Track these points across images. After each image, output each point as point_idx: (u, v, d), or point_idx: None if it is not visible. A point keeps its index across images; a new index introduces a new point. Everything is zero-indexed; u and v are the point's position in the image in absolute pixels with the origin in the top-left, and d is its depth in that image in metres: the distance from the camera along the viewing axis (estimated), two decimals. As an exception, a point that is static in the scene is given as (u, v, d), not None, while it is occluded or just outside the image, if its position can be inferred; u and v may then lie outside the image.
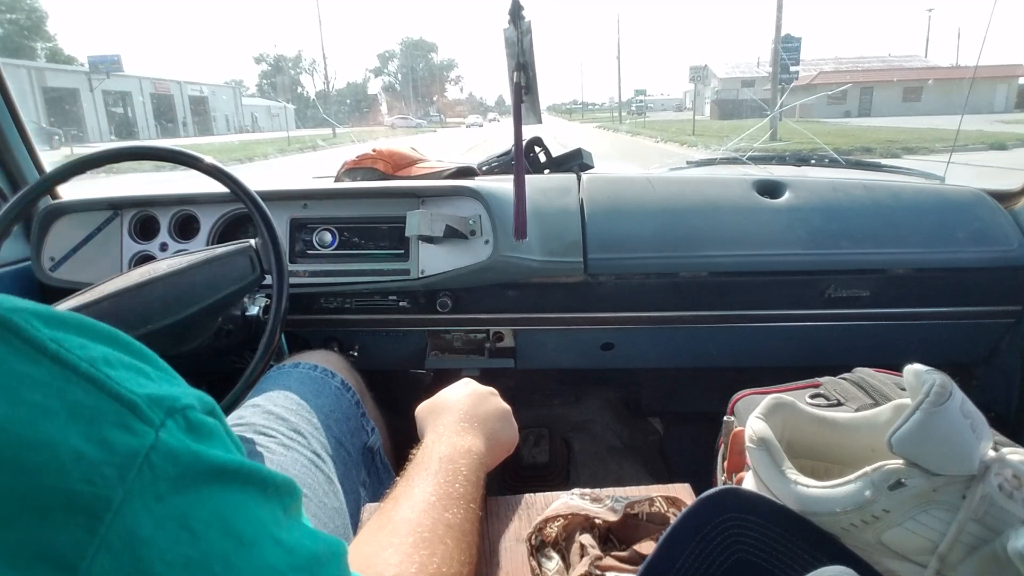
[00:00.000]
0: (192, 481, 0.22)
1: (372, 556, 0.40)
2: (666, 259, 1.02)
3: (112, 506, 0.19)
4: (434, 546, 0.41)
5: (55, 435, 0.19)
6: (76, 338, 0.22)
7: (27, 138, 1.15)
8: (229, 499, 0.24)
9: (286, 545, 0.26)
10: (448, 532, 0.43)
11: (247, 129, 36.96)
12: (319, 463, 0.67)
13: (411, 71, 76.67)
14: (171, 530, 0.21)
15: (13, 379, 0.19)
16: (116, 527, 0.19)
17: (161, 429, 0.22)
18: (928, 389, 0.35)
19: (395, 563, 0.39)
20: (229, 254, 0.83)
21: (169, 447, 0.22)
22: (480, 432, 0.57)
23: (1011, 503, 0.35)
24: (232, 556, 0.23)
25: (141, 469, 0.20)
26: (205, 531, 0.22)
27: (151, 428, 0.21)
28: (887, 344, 1.08)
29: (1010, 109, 25.81)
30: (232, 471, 0.25)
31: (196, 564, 0.21)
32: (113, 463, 0.20)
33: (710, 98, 37.24)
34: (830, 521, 0.39)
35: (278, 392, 0.74)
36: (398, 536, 0.42)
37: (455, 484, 0.48)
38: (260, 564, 0.24)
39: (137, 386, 0.22)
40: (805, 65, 31.32)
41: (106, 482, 0.19)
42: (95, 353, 0.22)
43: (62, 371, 0.20)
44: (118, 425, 0.21)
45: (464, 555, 0.43)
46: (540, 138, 1.31)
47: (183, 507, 0.22)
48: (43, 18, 32.54)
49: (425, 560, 0.40)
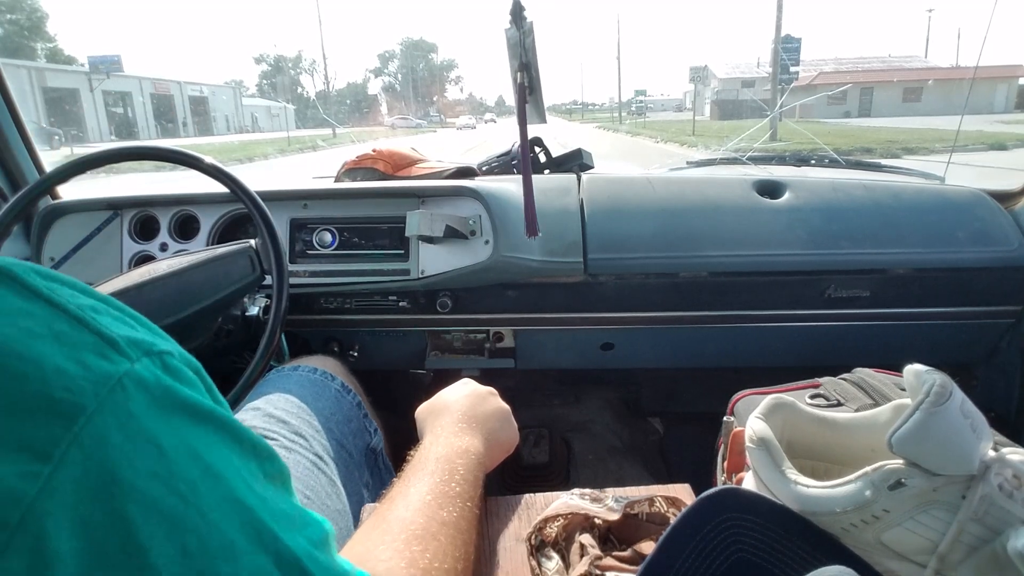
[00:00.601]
0: (163, 409, 0.24)
1: (364, 554, 0.40)
2: (666, 259, 1.02)
3: (86, 412, 0.21)
4: (426, 542, 0.41)
5: (40, 352, 0.22)
6: (69, 290, 0.25)
7: (27, 138, 1.15)
8: (201, 434, 0.25)
9: (260, 495, 0.27)
10: (442, 529, 0.43)
11: (247, 129, 36.97)
12: (321, 465, 0.67)
13: (411, 71, 76.70)
14: (139, 444, 0.23)
15: (10, 308, 0.22)
16: (88, 430, 0.21)
17: (136, 362, 0.24)
18: (928, 389, 0.35)
19: (385, 559, 0.39)
20: (229, 254, 0.83)
21: (142, 376, 0.24)
22: (479, 432, 0.57)
23: (1011, 503, 0.35)
24: (199, 482, 0.24)
25: (114, 389, 0.23)
26: (173, 453, 0.24)
27: (127, 360, 0.24)
28: (887, 344, 1.08)
29: (1010, 109, 25.82)
30: (206, 412, 0.26)
31: (162, 478, 0.23)
32: (89, 379, 0.22)
33: (710, 98, 37.25)
34: (830, 521, 0.39)
35: (278, 395, 0.74)
36: (390, 534, 0.42)
37: (451, 483, 0.48)
38: (228, 496, 0.25)
39: (119, 330, 0.25)
40: (805, 65, 31.33)
41: (82, 393, 0.22)
42: (84, 302, 0.25)
43: (52, 310, 0.23)
44: (97, 353, 0.23)
45: (459, 551, 0.43)
46: (540, 138, 1.31)
47: (152, 428, 0.23)
48: (43, 18, 32.56)
49: (416, 556, 0.40)
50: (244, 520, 0.25)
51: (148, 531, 0.22)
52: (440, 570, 0.40)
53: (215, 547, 0.24)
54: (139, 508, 0.22)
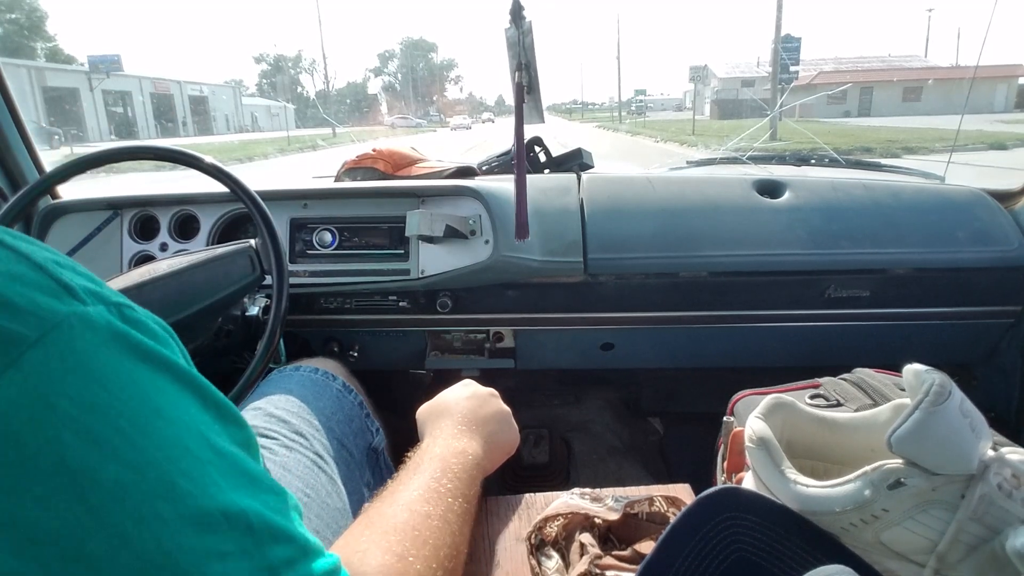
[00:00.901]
0: (112, 350, 0.25)
1: (344, 547, 0.41)
2: (666, 259, 1.02)
3: (26, 342, 0.22)
4: (404, 533, 0.42)
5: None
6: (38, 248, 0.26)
7: (27, 138, 1.15)
8: (154, 380, 0.26)
9: (215, 448, 0.27)
10: (424, 522, 0.44)
11: (247, 129, 36.95)
12: (321, 464, 0.67)
13: (411, 71, 76.66)
14: (80, 377, 0.23)
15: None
16: (29, 357, 0.22)
17: (90, 307, 0.25)
18: (928, 389, 0.35)
19: (362, 549, 0.40)
20: (229, 254, 0.83)
21: (92, 318, 0.24)
22: (478, 435, 0.57)
23: (1010, 502, 0.35)
24: (143, 419, 0.24)
25: (59, 325, 0.23)
26: (117, 390, 0.24)
27: (80, 304, 0.24)
28: (887, 344, 1.08)
29: (1010, 109, 25.79)
30: (164, 361, 0.26)
31: (100, 410, 0.23)
32: (35, 314, 0.23)
33: (710, 98, 37.24)
34: (830, 521, 0.39)
35: (279, 395, 0.74)
36: (371, 528, 0.43)
37: (442, 480, 0.49)
38: (174, 439, 0.25)
39: (79, 281, 0.25)
40: (805, 65, 31.31)
41: (25, 323, 0.23)
42: (50, 256, 0.26)
43: (16, 256, 0.24)
44: (50, 294, 0.24)
45: (441, 540, 0.43)
46: (540, 138, 1.31)
47: (96, 365, 0.24)
48: (43, 18, 32.53)
49: (392, 544, 0.41)
50: (190, 465, 0.25)
51: (80, 456, 0.23)
52: (419, 557, 0.41)
53: (153, 483, 0.24)
54: (72, 435, 0.23)
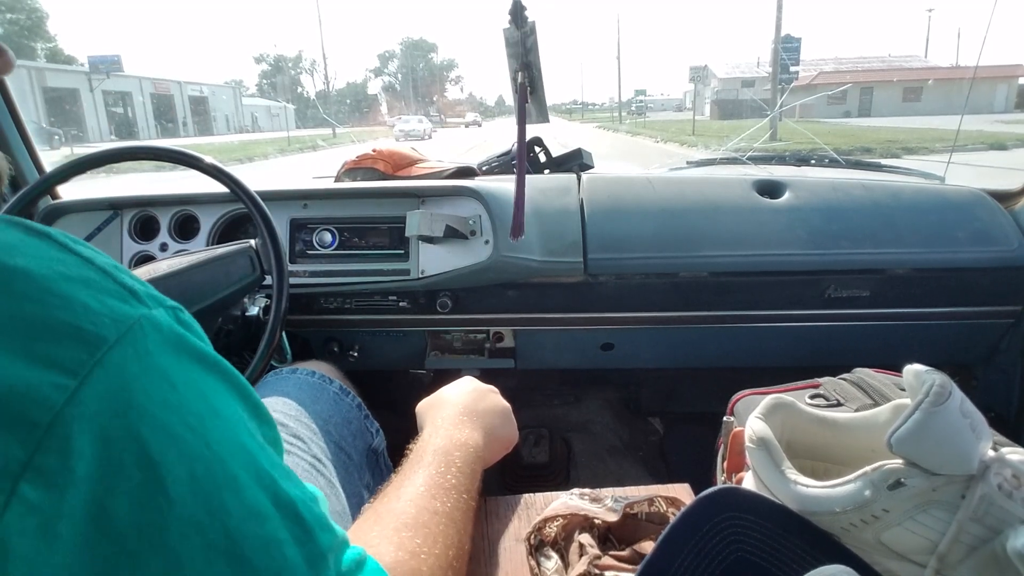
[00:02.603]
0: (175, 351, 0.27)
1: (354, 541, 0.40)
2: (666, 259, 1.02)
3: (107, 343, 0.24)
4: (416, 529, 0.42)
5: (72, 291, 0.25)
6: (93, 251, 0.28)
7: (27, 138, 1.15)
8: (209, 380, 0.28)
9: (259, 444, 0.29)
10: (433, 518, 0.44)
11: (247, 129, 36.95)
12: (319, 467, 0.67)
13: (411, 71, 76.65)
14: (153, 376, 0.25)
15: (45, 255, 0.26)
16: (110, 357, 0.24)
17: (154, 310, 0.27)
18: (928, 389, 0.35)
19: (374, 544, 0.40)
20: (229, 254, 0.83)
21: (157, 321, 0.27)
22: (478, 427, 0.57)
23: (1010, 503, 0.35)
24: (206, 418, 0.26)
25: (132, 328, 0.25)
26: (183, 389, 0.26)
27: (145, 307, 0.27)
28: (887, 344, 1.08)
29: (1010, 109, 25.79)
30: (214, 362, 0.29)
31: (173, 408, 0.25)
32: (112, 317, 0.25)
33: (710, 98, 37.24)
34: (830, 521, 0.39)
35: (276, 398, 0.74)
36: (380, 524, 0.43)
37: (447, 475, 0.49)
38: (231, 436, 0.27)
39: (138, 285, 0.28)
40: (805, 65, 31.30)
41: (104, 326, 0.25)
42: (108, 261, 0.28)
43: (83, 261, 0.27)
44: (118, 298, 0.26)
45: (450, 539, 0.43)
46: (540, 138, 1.31)
47: (166, 365, 0.26)
48: (43, 18, 32.55)
49: (405, 540, 0.41)
50: (245, 460, 0.27)
51: (160, 450, 0.24)
52: (430, 555, 0.41)
53: (220, 477, 0.26)
54: (152, 430, 0.24)
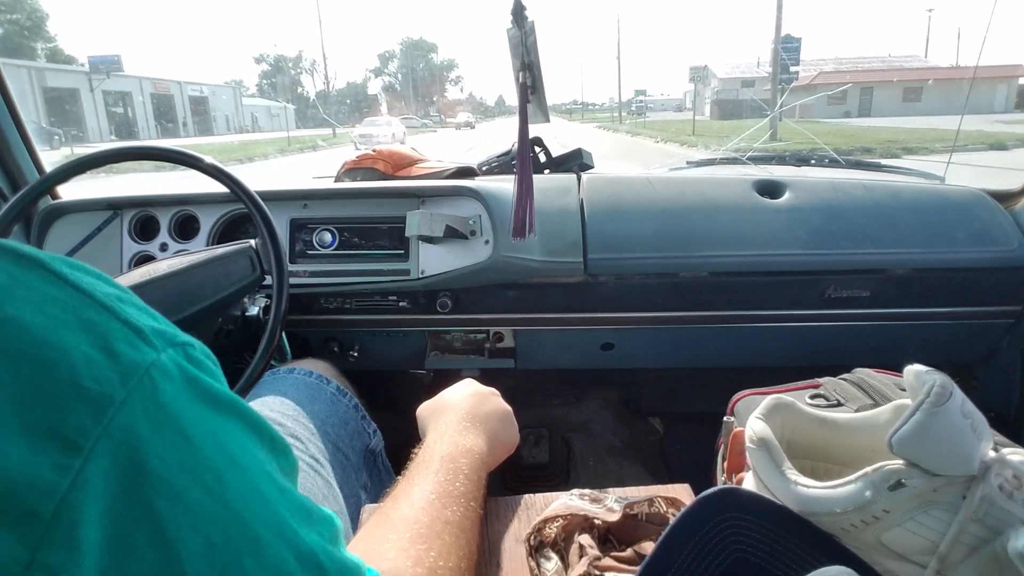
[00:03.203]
0: (189, 399, 0.24)
1: (368, 551, 0.40)
2: (666, 259, 1.02)
3: (114, 403, 0.22)
4: (431, 541, 0.41)
5: (70, 341, 0.22)
6: (94, 279, 0.25)
7: (27, 138, 1.15)
8: (224, 425, 0.26)
9: (279, 487, 0.27)
10: (446, 528, 0.43)
11: (247, 129, 36.94)
12: (317, 467, 0.67)
13: (411, 71, 76.66)
14: (167, 434, 0.23)
15: (38, 296, 0.22)
16: (117, 420, 0.21)
17: (163, 352, 0.24)
18: (928, 389, 0.35)
19: (391, 557, 0.39)
20: (229, 254, 0.83)
21: (167, 367, 0.24)
22: (482, 432, 0.57)
23: (1011, 503, 0.35)
24: (224, 472, 0.24)
25: (142, 379, 0.23)
26: (199, 442, 0.24)
27: (153, 350, 0.24)
28: (887, 344, 1.08)
29: (1010, 109, 25.78)
30: (229, 403, 0.27)
31: (189, 468, 0.23)
32: (117, 370, 0.22)
33: (710, 98, 37.23)
34: (830, 522, 0.39)
35: (273, 398, 0.74)
36: (395, 532, 0.42)
37: (455, 483, 0.48)
38: (251, 488, 0.25)
39: (144, 320, 0.25)
40: (805, 65, 31.30)
41: (110, 383, 0.22)
42: (109, 291, 0.25)
43: (80, 296, 0.23)
44: (124, 342, 0.23)
45: (463, 551, 0.43)
46: (540, 138, 1.31)
47: (180, 418, 0.24)
48: (43, 18, 32.53)
49: (422, 554, 0.40)
50: (266, 513, 0.25)
51: (175, 523, 0.22)
52: (445, 568, 0.40)
53: (239, 540, 0.24)
54: (166, 501, 0.22)
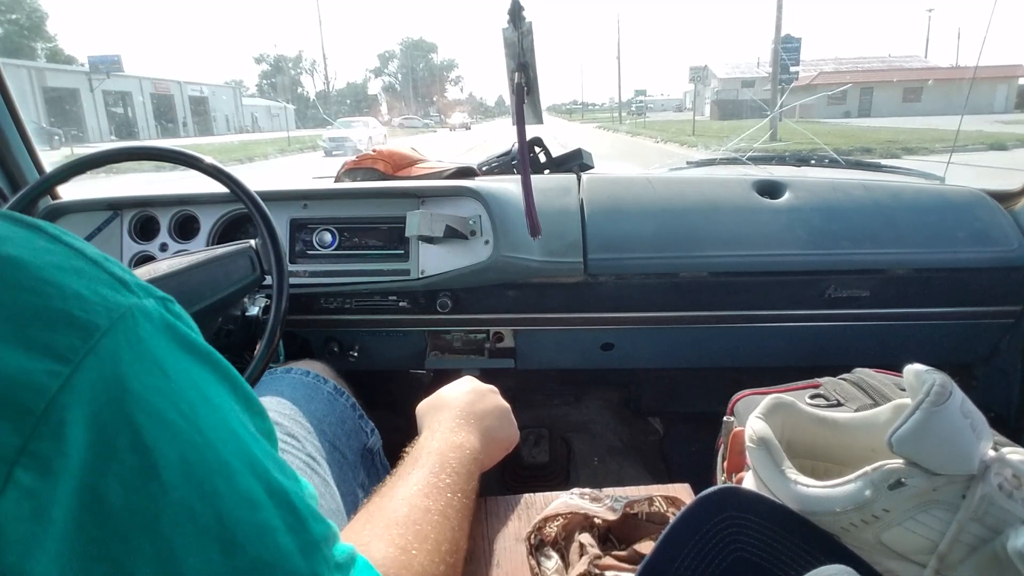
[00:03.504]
0: (167, 340, 0.27)
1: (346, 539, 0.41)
2: (666, 259, 1.02)
3: (100, 330, 0.24)
4: (407, 527, 0.42)
5: (63, 280, 0.25)
6: (85, 244, 0.28)
7: (27, 138, 1.15)
8: (199, 370, 0.28)
9: (251, 432, 0.29)
10: (425, 516, 0.44)
11: (247, 129, 36.94)
12: (314, 466, 0.67)
13: (411, 71, 76.66)
14: (146, 363, 0.25)
15: (37, 247, 0.26)
16: (103, 344, 0.24)
17: (145, 299, 0.27)
18: (928, 389, 0.35)
19: (365, 541, 0.40)
20: (229, 254, 0.83)
21: (148, 310, 0.27)
22: (475, 429, 0.57)
23: (1011, 503, 0.35)
24: (197, 404, 0.27)
25: (124, 316, 0.26)
26: (176, 377, 0.26)
27: (136, 296, 0.27)
28: (887, 344, 1.08)
29: (1010, 109, 25.78)
30: (205, 352, 0.29)
31: (165, 394, 0.25)
32: (103, 305, 0.25)
33: (710, 98, 37.23)
34: (830, 521, 0.39)
35: (270, 397, 0.74)
36: (371, 522, 0.43)
37: (441, 475, 0.49)
38: (223, 424, 0.27)
39: (128, 276, 0.28)
40: (805, 65, 31.31)
41: (97, 314, 0.25)
42: (97, 252, 0.28)
43: (73, 252, 0.27)
44: (110, 287, 0.26)
45: (443, 534, 0.44)
46: (540, 138, 1.31)
47: (158, 353, 0.26)
48: (43, 18, 32.54)
49: (395, 536, 0.41)
50: (237, 447, 0.27)
51: (152, 435, 0.24)
52: (421, 551, 0.41)
53: (212, 463, 0.26)
54: (145, 415, 0.25)
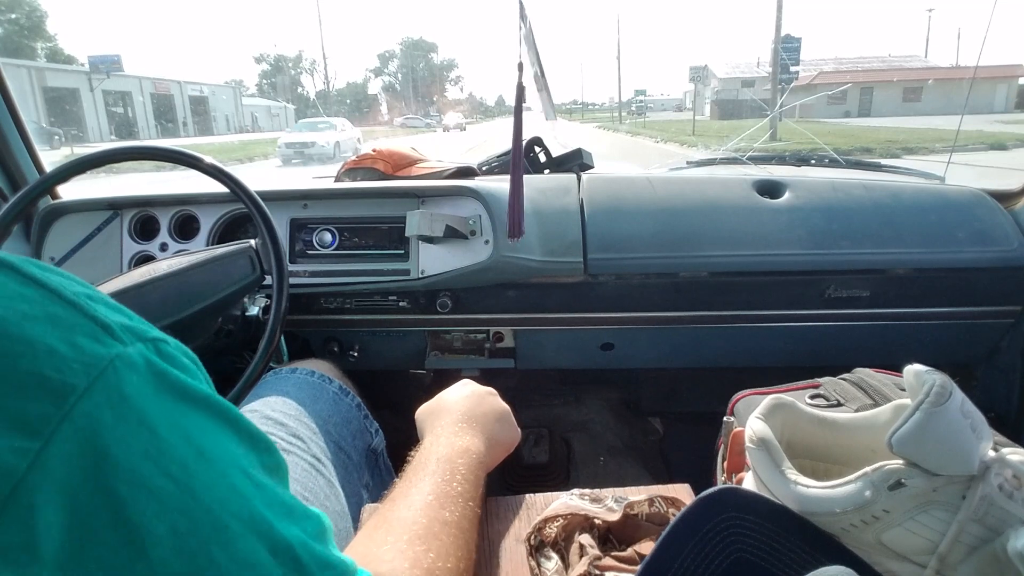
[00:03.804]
0: (155, 392, 0.24)
1: (366, 555, 0.40)
2: (666, 259, 1.02)
3: (76, 391, 0.22)
4: (429, 542, 0.42)
5: (34, 333, 0.22)
6: (65, 280, 0.25)
7: (27, 138, 1.15)
8: (194, 418, 0.26)
9: (255, 482, 0.27)
10: (444, 529, 0.44)
11: (247, 129, 36.92)
12: (319, 467, 0.67)
13: (411, 71, 76.67)
14: (130, 424, 0.23)
15: (7, 293, 0.23)
16: (80, 408, 0.22)
17: (130, 346, 0.24)
18: (928, 389, 0.35)
19: (388, 559, 0.39)
20: (229, 254, 0.83)
21: (134, 359, 0.24)
22: (479, 432, 0.57)
23: (1011, 503, 0.35)
24: (191, 463, 0.24)
25: (105, 371, 0.23)
26: (165, 434, 0.24)
27: (120, 344, 0.24)
28: (887, 344, 1.08)
29: (1010, 109, 25.77)
30: (201, 398, 0.26)
31: (153, 457, 0.23)
32: (80, 361, 0.23)
33: (710, 98, 37.23)
34: (830, 521, 0.39)
35: (276, 397, 0.74)
36: (393, 534, 0.42)
37: (452, 483, 0.48)
38: (221, 480, 0.25)
39: (112, 317, 0.25)
40: (805, 65, 31.30)
41: (73, 373, 0.22)
42: (79, 290, 0.25)
43: (48, 294, 0.24)
44: (90, 336, 0.23)
45: (461, 551, 0.43)
46: (540, 138, 1.31)
47: (144, 409, 0.24)
48: (43, 18, 32.53)
49: (420, 555, 0.40)
50: (237, 505, 0.25)
51: (138, 509, 0.22)
52: (444, 569, 0.40)
53: (207, 529, 0.24)
54: (128, 486, 0.22)
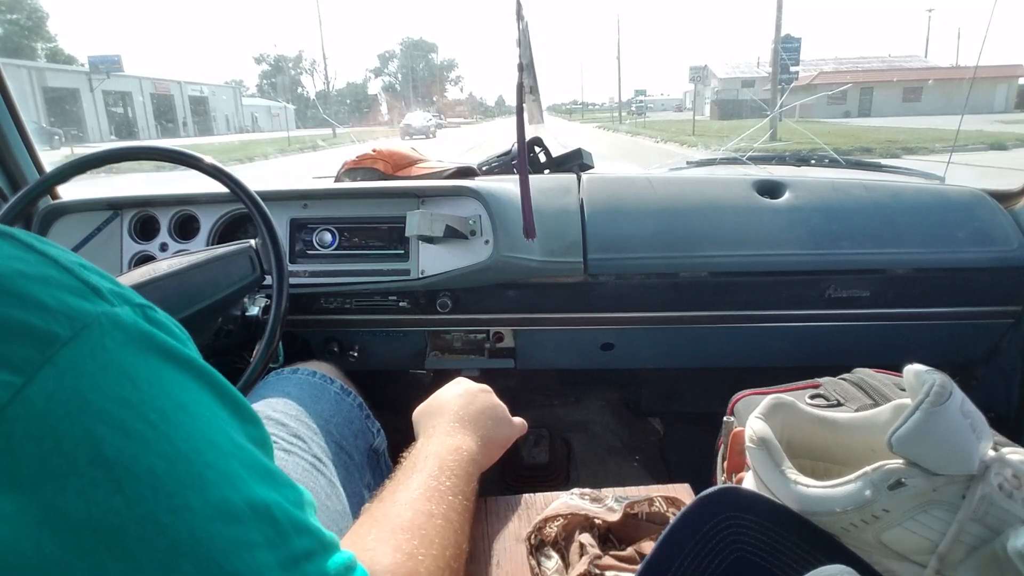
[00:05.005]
0: (139, 349, 0.26)
1: (351, 546, 0.41)
2: (666, 259, 1.02)
3: (60, 339, 0.23)
4: (412, 532, 0.43)
5: (27, 289, 0.24)
6: (61, 251, 0.27)
7: (27, 138, 1.15)
8: (178, 378, 0.27)
9: (236, 443, 0.27)
10: (429, 520, 0.44)
11: (247, 129, 36.94)
12: (320, 467, 0.67)
13: (411, 71, 76.67)
14: (111, 374, 0.24)
15: (5, 255, 0.24)
16: (63, 354, 0.23)
17: (117, 307, 0.26)
18: (928, 389, 0.35)
19: (371, 547, 0.40)
20: (229, 254, 0.83)
21: (119, 318, 0.26)
22: (471, 431, 0.57)
23: (1011, 503, 0.35)
24: (170, 415, 0.25)
25: (90, 325, 0.24)
26: (147, 387, 0.25)
27: (109, 304, 0.26)
28: (887, 344, 1.08)
29: (1010, 109, 25.79)
30: (186, 359, 0.27)
31: (132, 405, 0.24)
32: (67, 314, 0.24)
33: (710, 98, 37.23)
34: (830, 521, 0.39)
35: (277, 398, 0.74)
36: (376, 526, 0.43)
37: (440, 478, 0.49)
38: (200, 434, 0.26)
39: (103, 283, 0.26)
40: (805, 65, 31.32)
41: (59, 324, 0.24)
42: (73, 259, 0.27)
43: (45, 260, 0.25)
44: (78, 295, 0.25)
45: (447, 540, 0.44)
46: (540, 138, 1.31)
47: (126, 363, 0.25)
48: (43, 18, 32.56)
49: (402, 542, 0.41)
50: (214, 457, 0.26)
51: (115, 448, 0.23)
52: (427, 555, 0.41)
53: (184, 474, 0.25)
54: (108, 428, 0.23)
